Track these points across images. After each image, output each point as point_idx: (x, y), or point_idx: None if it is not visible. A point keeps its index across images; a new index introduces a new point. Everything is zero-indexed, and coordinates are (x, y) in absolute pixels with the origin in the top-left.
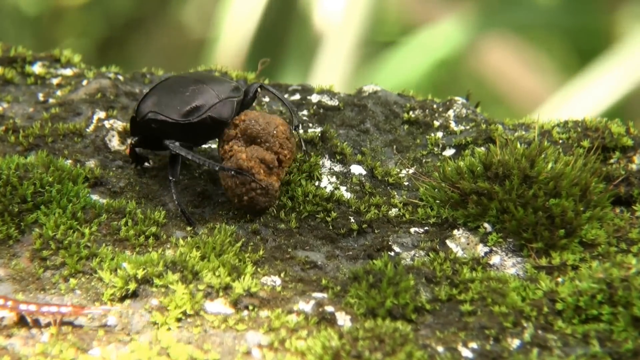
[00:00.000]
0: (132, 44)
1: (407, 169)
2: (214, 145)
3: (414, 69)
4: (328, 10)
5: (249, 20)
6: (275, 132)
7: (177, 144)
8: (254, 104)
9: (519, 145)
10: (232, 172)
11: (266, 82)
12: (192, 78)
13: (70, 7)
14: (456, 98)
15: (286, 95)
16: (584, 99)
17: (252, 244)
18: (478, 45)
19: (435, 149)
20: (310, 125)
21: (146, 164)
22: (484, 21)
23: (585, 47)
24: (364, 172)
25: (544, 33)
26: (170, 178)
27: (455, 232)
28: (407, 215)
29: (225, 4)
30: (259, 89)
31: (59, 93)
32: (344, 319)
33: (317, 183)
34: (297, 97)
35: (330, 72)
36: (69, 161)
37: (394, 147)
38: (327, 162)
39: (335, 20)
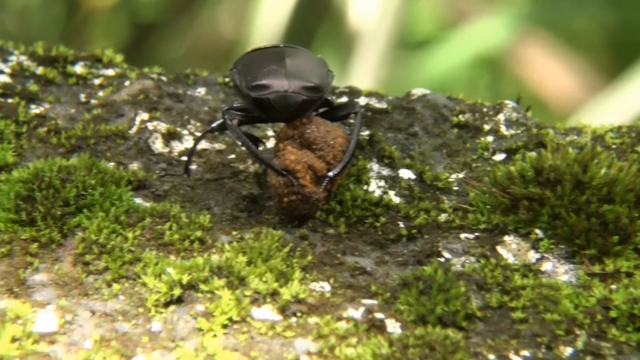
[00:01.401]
0: (160, 45)
1: (456, 174)
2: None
3: (451, 68)
4: (363, 8)
5: (279, 18)
6: (332, 142)
7: (235, 121)
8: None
9: (571, 150)
10: (276, 170)
11: None
12: (286, 56)
13: (98, 8)
14: (506, 101)
15: (333, 97)
16: (628, 100)
17: (300, 249)
18: (516, 44)
19: (485, 154)
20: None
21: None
22: (522, 18)
23: (629, 43)
24: (412, 176)
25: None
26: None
27: (506, 238)
28: (457, 221)
29: (256, 3)
30: (353, 114)
31: (101, 94)
32: (394, 326)
33: (365, 187)
34: (344, 99)
35: (366, 71)
36: (112, 163)
37: (443, 151)
38: (375, 166)
39: (370, 18)
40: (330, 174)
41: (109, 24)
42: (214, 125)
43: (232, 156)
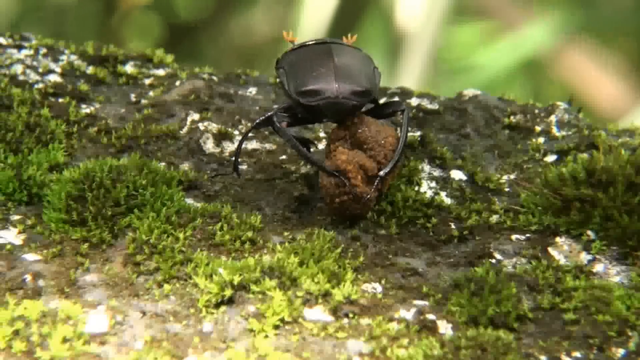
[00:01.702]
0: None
1: (508, 175)
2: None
3: (496, 71)
4: (410, 9)
5: (322, 16)
6: (383, 141)
7: (284, 123)
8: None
9: (623, 151)
10: (327, 171)
11: None
12: (334, 57)
13: (134, 7)
14: (558, 103)
15: (384, 99)
16: None
17: (351, 250)
18: (560, 49)
19: (537, 155)
20: (409, 129)
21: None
22: (566, 24)
23: None
24: (464, 178)
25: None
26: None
27: (557, 239)
28: (508, 222)
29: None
30: (400, 112)
31: (151, 94)
32: (445, 327)
33: (417, 188)
34: (395, 100)
35: (412, 73)
36: (163, 164)
37: (495, 152)
38: (427, 167)
39: (417, 20)
40: (382, 173)
41: (145, 23)
42: (258, 121)
43: (284, 157)
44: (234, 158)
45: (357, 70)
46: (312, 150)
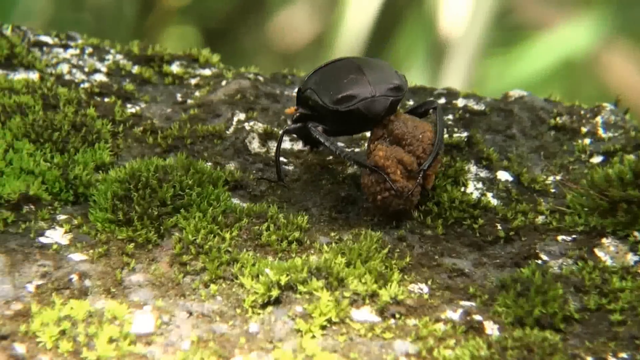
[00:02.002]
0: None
1: (554, 176)
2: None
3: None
4: (453, 13)
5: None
6: (421, 136)
7: (319, 128)
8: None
9: None
10: (366, 166)
11: None
12: (360, 65)
13: (170, 8)
14: (604, 104)
15: (430, 99)
16: None
17: (398, 250)
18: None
19: (583, 156)
20: (456, 129)
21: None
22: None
23: None
24: (510, 178)
25: None
26: (285, 128)
27: (604, 240)
28: (554, 223)
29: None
30: (431, 110)
31: (197, 94)
32: (492, 328)
33: (463, 189)
34: (442, 100)
35: (455, 75)
36: (209, 163)
37: (541, 153)
38: (473, 168)
39: (460, 23)
40: (423, 166)
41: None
42: (288, 128)
43: (330, 157)
44: (282, 159)
45: (385, 71)
46: (354, 150)
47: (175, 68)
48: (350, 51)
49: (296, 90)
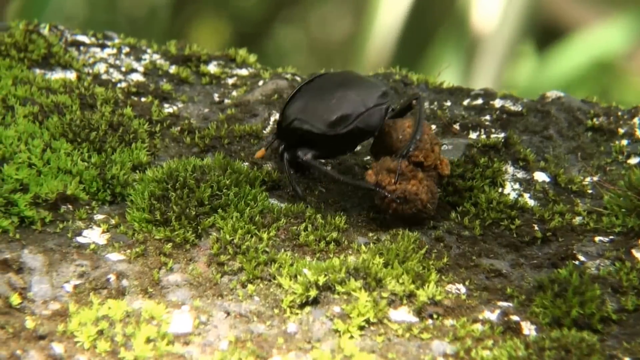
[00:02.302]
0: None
1: (591, 177)
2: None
3: (570, 72)
4: (486, 10)
5: (395, 16)
6: (401, 137)
7: (309, 155)
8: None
9: None
10: (364, 187)
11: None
12: (338, 81)
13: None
14: None
15: (467, 100)
16: None
17: (435, 251)
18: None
19: (620, 157)
20: (493, 130)
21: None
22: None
23: None
24: (547, 179)
25: None
26: (286, 157)
27: None
28: (591, 224)
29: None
30: (414, 101)
31: (234, 93)
32: (529, 329)
33: (500, 189)
34: (479, 101)
35: (488, 74)
36: (246, 164)
37: (578, 154)
38: (510, 169)
39: (493, 20)
40: (402, 152)
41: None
42: (292, 172)
43: (367, 157)
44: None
45: (364, 80)
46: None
47: (212, 68)
48: (383, 49)
49: (274, 123)
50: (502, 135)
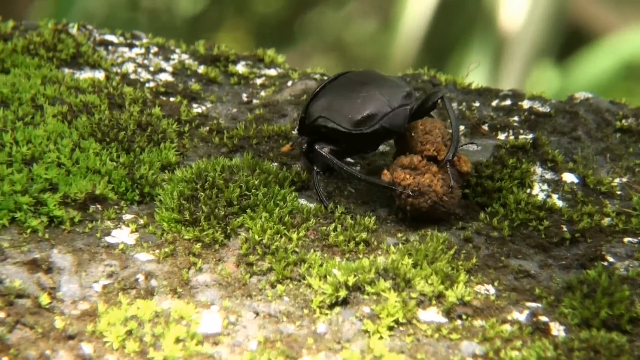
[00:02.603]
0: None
1: (620, 178)
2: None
3: (599, 74)
4: (513, 12)
5: (421, 16)
6: (429, 135)
7: (326, 149)
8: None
9: None
10: (382, 185)
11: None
12: (362, 80)
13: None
14: None
15: (496, 101)
16: None
17: (464, 251)
18: None
19: None
20: (521, 131)
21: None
22: None
23: None
24: (576, 180)
25: None
26: (316, 169)
27: None
28: (620, 225)
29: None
30: (439, 101)
31: (263, 94)
32: (558, 329)
33: (528, 190)
34: (508, 102)
35: (515, 74)
36: (275, 164)
37: (607, 155)
38: (539, 170)
39: (520, 22)
40: (448, 156)
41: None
42: (318, 170)
43: None
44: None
45: (388, 80)
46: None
47: (240, 68)
48: (408, 49)
49: (298, 120)
50: (530, 136)
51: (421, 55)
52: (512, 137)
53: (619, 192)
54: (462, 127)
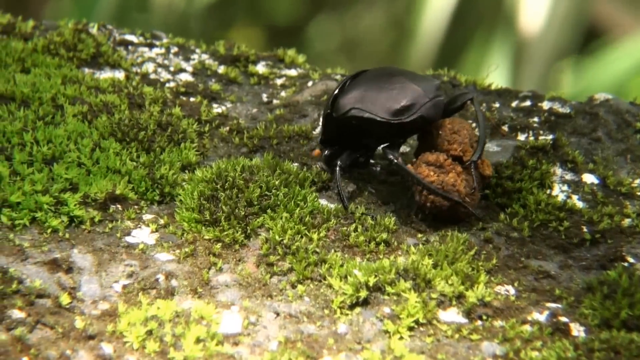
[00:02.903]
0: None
1: None
2: None
3: (616, 75)
4: (532, 14)
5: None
6: (459, 136)
7: (398, 156)
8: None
9: None
10: (443, 195)
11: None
12: (390, 73)
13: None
14: None
15: (516, 102)
16: None
17: (484, 252)
18: None
19: None
20: (541, 132)
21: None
22: None
23: None
24: (596, 181)
25: None
26: (339, 164)
27: None
28: None
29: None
30: (469, 102)
31: (283, 94)
32: (578, 330)
33: (548, 191)
34: (527, 103)
35: (534, 76)
36: (296, 164)
37: (627, 156)
38: (559, 170)
39: (539, 24)
40: (473, 157)
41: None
42: (343, 165)
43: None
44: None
45: (417, 74)
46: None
47: (260, 68)
48: (426, 50)
49: (323, 117)
50: (550, 137)
51: (439, 56)
52: (532, 138)
53: (639, 193)
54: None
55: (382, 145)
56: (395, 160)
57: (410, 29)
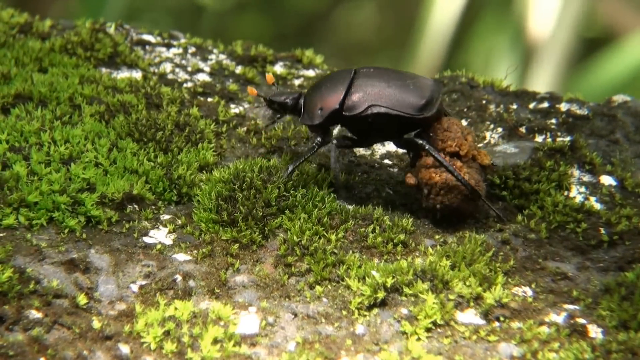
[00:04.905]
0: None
1: None
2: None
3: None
4: (542, 18)
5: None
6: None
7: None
8: None
9: None
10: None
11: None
12: (391, 71)
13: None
14: None
15: (533, 103)
16: None
17: (502, 253)
18: None
19: None
20: (559, 134)
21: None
22: None
23: None
24: (614, 183)
25: None
26: (335, 142)
27: None
28: None
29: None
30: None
31: None
32: (595, 331)
33: (566, 193)
34: (545, 105)
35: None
36: (314, 165)
37: None
38: (577, 172)
39: (548, 28)
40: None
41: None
42: (339, 143)
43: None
44: (387, 161)
45: (412, 73)
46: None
47: (278, 68)
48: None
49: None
50: (568, 138)
51: (447, 58)
52: (549, 140)
53: None
54: (500, 129)
55: (406, 134)
56: (427, 146)
57: (419, 30)
